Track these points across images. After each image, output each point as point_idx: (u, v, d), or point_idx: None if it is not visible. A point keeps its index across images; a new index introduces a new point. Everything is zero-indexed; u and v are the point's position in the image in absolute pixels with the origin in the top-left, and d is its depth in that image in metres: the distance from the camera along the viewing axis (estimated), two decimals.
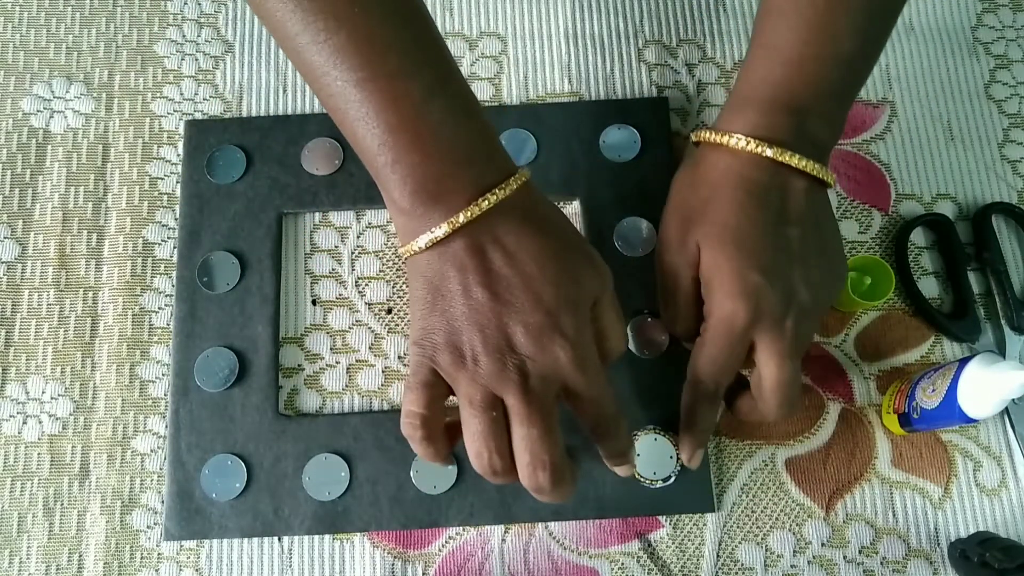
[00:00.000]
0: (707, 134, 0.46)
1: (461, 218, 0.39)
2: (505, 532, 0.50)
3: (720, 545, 0.50)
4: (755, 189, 0.44)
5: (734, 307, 0.43)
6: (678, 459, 0.49)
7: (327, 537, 0.50)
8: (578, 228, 0.55)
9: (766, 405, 0.44)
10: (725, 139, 0.45)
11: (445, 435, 0.41)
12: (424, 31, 0.41)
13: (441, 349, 0.40)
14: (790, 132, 0.44)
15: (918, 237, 0.56)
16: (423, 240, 0.40)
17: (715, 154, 0.46)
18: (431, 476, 0.49)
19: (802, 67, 0.45)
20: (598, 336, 0.42)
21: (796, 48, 0.45)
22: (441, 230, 0.39)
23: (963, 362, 0.45)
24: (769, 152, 0.44)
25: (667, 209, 0.49)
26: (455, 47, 0.59)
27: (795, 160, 0.44)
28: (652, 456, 0.49)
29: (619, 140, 0.56)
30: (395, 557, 0.49)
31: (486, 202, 0.39)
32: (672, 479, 0.49)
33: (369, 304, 0.54)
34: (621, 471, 0.45)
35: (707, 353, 0.44)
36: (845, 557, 0.50)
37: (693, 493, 0.49)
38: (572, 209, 0.56)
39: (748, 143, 0.44)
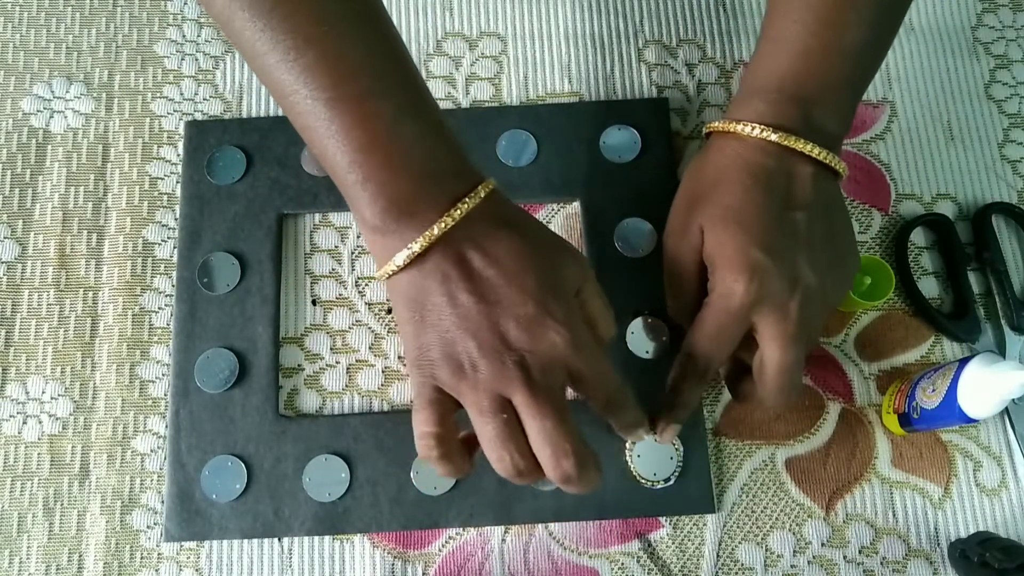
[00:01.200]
0: (717, 123, 0.47)
1: (435, 230, 0.39)
2: (505, 532, 0.50)
3: (720, 545, 0.50)
4: (760, 173, 0.44)
5: (735, 283, 0.43)
6: (678, 459, 0.49)
7: (327, 537, 0.50)
8: (578, 229, 0.55)
9: (765, 390, 0.44)
10: (732, 126, 0.46)
11: (463, 449, 0.41)
12: (393, 51, 0.41)
13: (439, 364, 0.39)
14: (797, 120, 0.45)
15: (918, 237, 0.56)
16: (400, 258, 0.39)
17: (723, 141, 0.47)
18: (431, 477, 0.49)
19: (808, 58, 0.45)
20: (587, 323, 0.42)
21: (803, 39, 0.45)
22: (417, 244, 0.39)
23: (963, 362, 0.45)
24: (774, 137, 0.44)
25: (676, 197, 0.49)
26: (455, 47, 0.59)
27: (800, 145, 0.44)
28: (652, 456, 0.49)
29: (619, 141, 0.56)
30: (395, 557, 0.49)
31: (458, 211, 0.39)
32: (672, 480, 0.49)
33: (369, 304, 0.54)
34: (635, 438, 0.46)
35: (703, 328, 0.44)
36: (845, 557, 0.50)
37: (693, 493, 0.49)
38: (572, 209, 0.56)
39: (754, 129, 0.45)
